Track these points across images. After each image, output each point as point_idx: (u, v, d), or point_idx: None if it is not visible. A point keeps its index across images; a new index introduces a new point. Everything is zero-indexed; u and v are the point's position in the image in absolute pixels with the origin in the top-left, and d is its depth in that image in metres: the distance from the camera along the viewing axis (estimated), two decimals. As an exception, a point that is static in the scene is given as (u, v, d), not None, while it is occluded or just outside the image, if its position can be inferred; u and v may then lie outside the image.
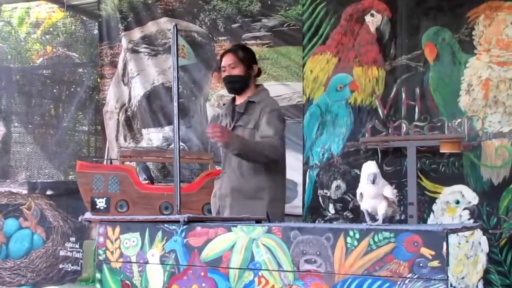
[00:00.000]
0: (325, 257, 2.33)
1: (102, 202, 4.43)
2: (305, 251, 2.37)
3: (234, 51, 3.83)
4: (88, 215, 4.25)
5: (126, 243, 2.73)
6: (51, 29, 8.15)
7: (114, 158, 5.96)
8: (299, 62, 5.22)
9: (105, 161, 6.37)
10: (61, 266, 6.28)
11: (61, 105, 8.06)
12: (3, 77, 7.58)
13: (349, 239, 2.30)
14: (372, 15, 4.76)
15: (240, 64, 3.77)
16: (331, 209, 4.81)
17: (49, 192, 6.41)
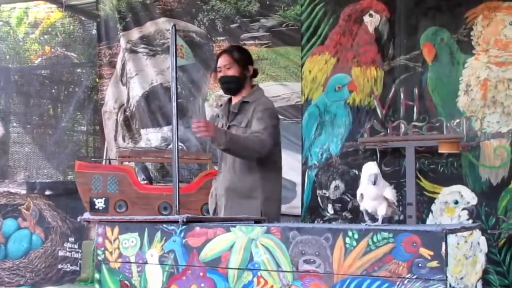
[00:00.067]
0: (324, 257, 2.34)
1: (101, 202, 4.43)
2: (304, 252, 2.37)
3: (230, 52, 3.83)
4: (87, 215, 4.25)
5: (125, 243, 2.73)
6: (49, 29, 8.14)
7: (113, 158, 5.96)
8: (297, 62, 5.22)
9: (103, 161, 6.38)
10: (60, 266, 6.28)
11: (59, 105, 8.05)
12: (1, 77, 7.58)
13: (348, 240, 2.30)
14: (371, 15, 4.76)
15: (235, 65, 3.77)
16: (330, 209, 4.81)
17: (48, 192, 6.40)
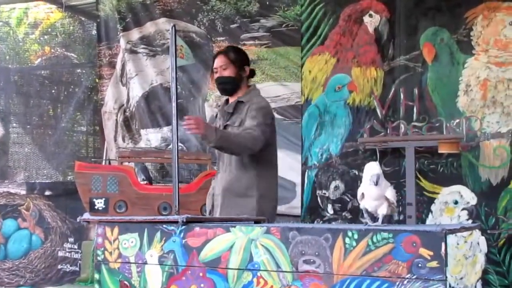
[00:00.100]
0: (323, 257, 2.33)
1: (101, 202, 4.42)
2: (303, 252, 2.37)
3: (225, 52, 3.83)
4: (86, 215, 4.25)
5: (125, 244, 2.73)
6: (49, 29, 8.14)
7: (113, 158, 5.96)
8: (297, 63, 5.22)
9: (103, 161, 6.38)
10: (59, 266, 6.28)
11: (59, 105, 8.06)
12: (1, 77, 7.58)
13: (347, 240, 2.30)
14: (371, 15, 4.76)
15: (231, 65, 3.77)
16: (330, 210, 4.81)
17: (47, 192, 6.40)
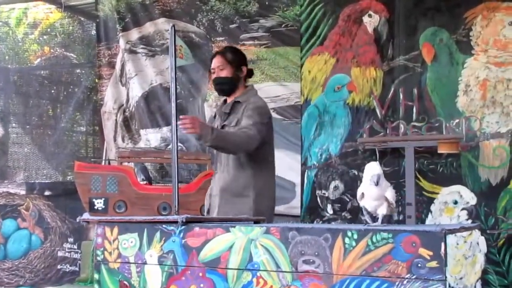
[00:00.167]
0: (323, 257, 2.33)
1: (100, 202, 4.40)
2: (303, 252, 2.37)
3: (222, 53, 3.84)
4: (86, 215, 4.23)
5: (124, 244, 2.73)
6: (48, 29, 8.15)
7: (112, 158, 5.96)
8: (297, 63, 5.22)
9: (103, 161, 6.38)
10: (59, 266, 6.28)
11: (59, 105, 8.06)
12: (0, 77, 7.58)
13: (347, 240, 2.30)
14: (370, 15, 4.76)
15: (228, 66, 3.77)
16: (329, 210, 4.81)
17: (47, 192, 6.40)
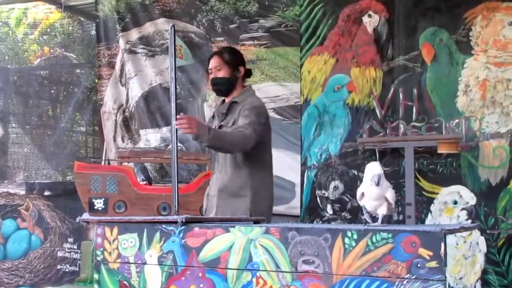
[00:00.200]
0: (323, 257, 2.33)
1: (100, 202, 4.42)
2: (303, 252, 2.37)
3: (220, 53, 3.83)
4: (86, 215, 4.24)
5: (124, 244, 2.73)
6: (48, 29, 8.14)
7: (112, 158, 5.96)
8: (296, 63, 5.22)
9: (103, 161, 6.37)
10: (59, 267, 6.27)
11: (58, 105, 8.06)
12: (0, 78, 7.58)
13: (347, 240, 2.30)
14: (370, 16, 4.76)
15: (225, 66, 3.76)
16: (329, 210, 4.81)
17: (47, 193, 6.39)
